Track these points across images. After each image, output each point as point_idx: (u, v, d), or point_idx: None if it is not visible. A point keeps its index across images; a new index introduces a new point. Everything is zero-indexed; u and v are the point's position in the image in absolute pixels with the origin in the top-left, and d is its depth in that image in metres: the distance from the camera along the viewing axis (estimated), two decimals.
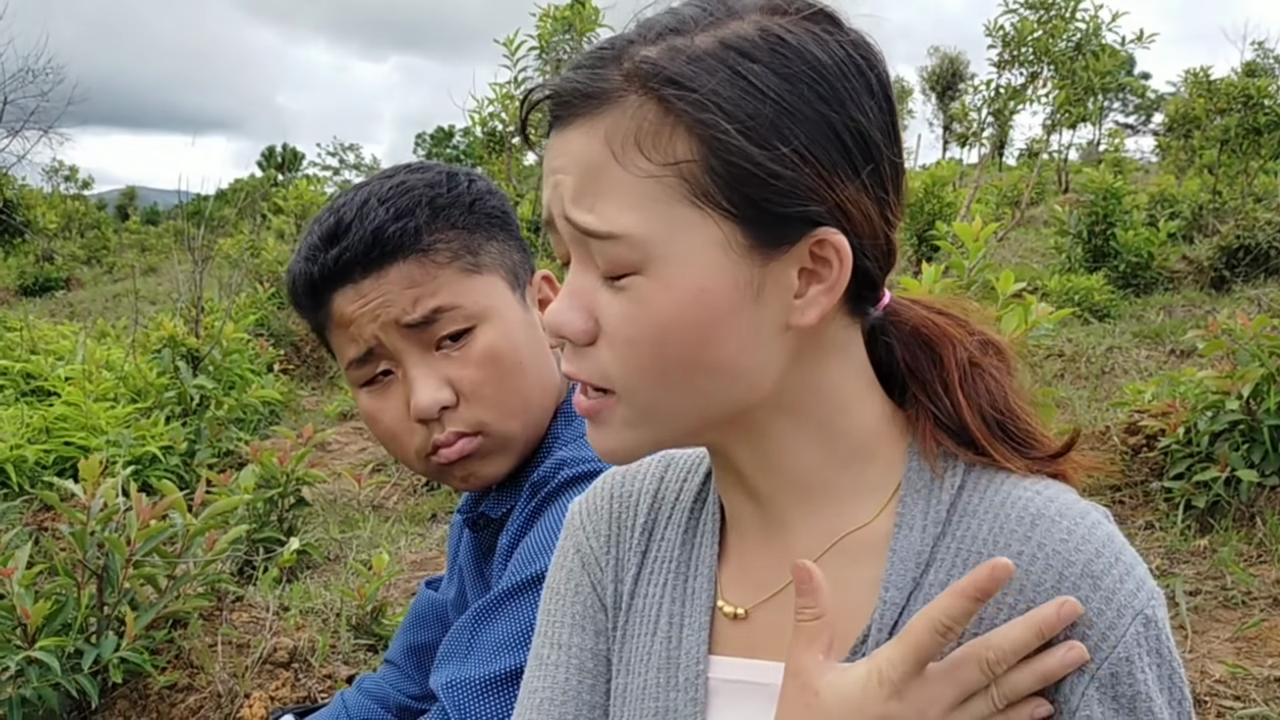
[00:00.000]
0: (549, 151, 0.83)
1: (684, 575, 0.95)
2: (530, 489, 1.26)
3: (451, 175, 1.32)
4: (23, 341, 7.50)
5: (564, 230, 0.82)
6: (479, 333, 1.25)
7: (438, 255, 1.24)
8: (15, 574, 2.63)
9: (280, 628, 3.11)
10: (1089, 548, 0.80)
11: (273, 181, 34.85)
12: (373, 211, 1.24)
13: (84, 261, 23.28)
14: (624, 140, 0.78)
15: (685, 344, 0.80)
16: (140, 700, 2.80)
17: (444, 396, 1.24)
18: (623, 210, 0.79)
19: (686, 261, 0.79)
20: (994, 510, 0.84)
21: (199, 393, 6.07)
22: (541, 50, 12.64)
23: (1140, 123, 35.22)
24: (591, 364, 0.83)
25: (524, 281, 1.33)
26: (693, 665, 0.91)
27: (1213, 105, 12.64)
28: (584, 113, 0.80)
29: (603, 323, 0.82)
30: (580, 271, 0.83)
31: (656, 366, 0.81)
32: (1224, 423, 4.16)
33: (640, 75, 0.79)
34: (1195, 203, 12.22)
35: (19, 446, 5.05)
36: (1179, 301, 9.25)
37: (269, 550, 4.04)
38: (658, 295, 0.79)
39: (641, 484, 1.02)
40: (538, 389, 1.29)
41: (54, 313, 13.65)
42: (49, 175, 34.15)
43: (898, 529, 0.85)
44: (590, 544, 1.02)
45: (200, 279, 7.01)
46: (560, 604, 1.02)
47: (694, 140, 0.77)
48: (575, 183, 0.80)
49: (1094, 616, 0.78)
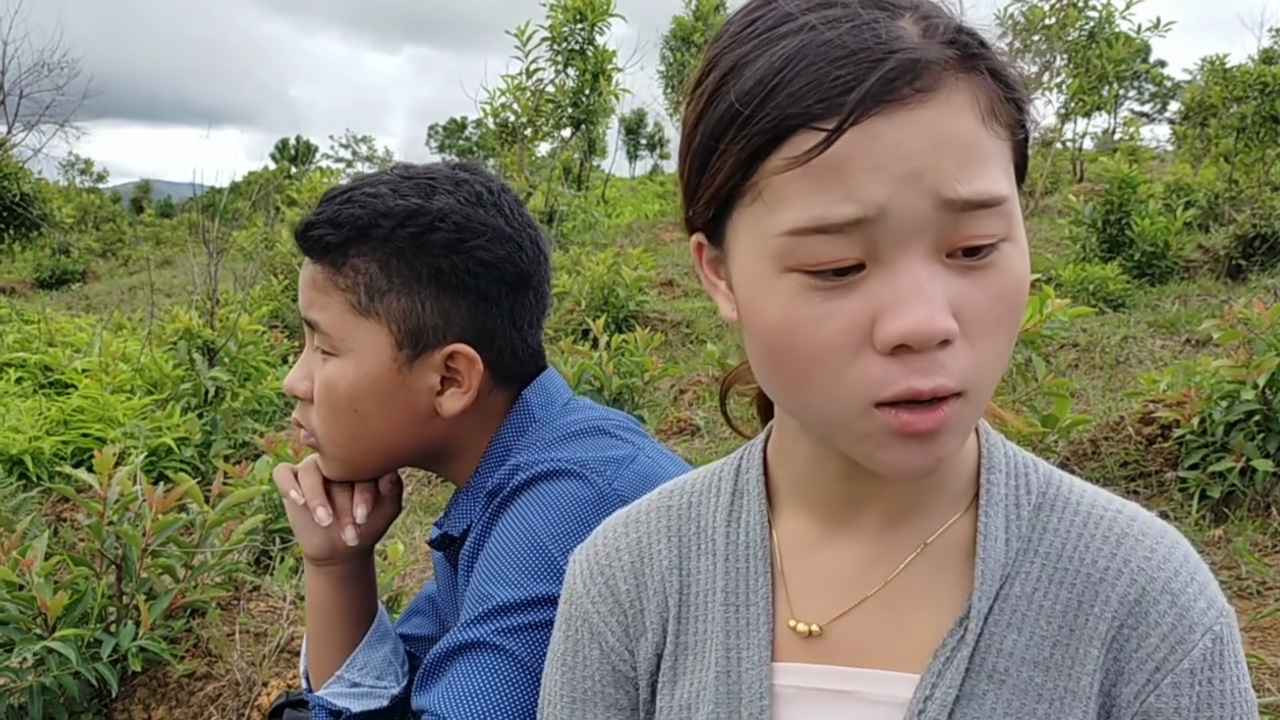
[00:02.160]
0: (877, 138, 0.72)
1: (734, 604, 0.92)
2: (486, 498, 1.27)
3: (415, 214, 1.26)
4: (40, 334, 7.55)
5: (920, 218, 0.73)
6: (330, 363, 1.30)
7: (340, 278, 1.28)
8: (34, 565, 2.65)
9: (297, 617, 3.13)
10: (1169, 566, 0.85)
11: (286, 174, 34.91)
12: (338, 206, 1.29)
13: (99, 254, 23.41)
14: (985, 108, 0.76)
15: (1022, 311, 0.79)
16: (159, 688, 2.83)
17: (300, 389, 1.34)
18: (1001, 174, 0.76)
19: (1021, 222, 0.79)
20: (1076, 529, 0.87)
21: (214, 384, 6.10)
22: (553, 41, 12.63)
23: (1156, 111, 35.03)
24: (955, 367, 0.74)
25: (426, 346, 1.28)
26: (755, 685, 0.89)
27: (1229, 93, 12.55)
28: (932, 88, 0.73)
29: (967, 313, 0.75)
30: (928, 266, 0.74)
31: (1006, 344, 0.78)
32: (1239, 413, 4.14)
33: (957, 45, 0.76)
34: (1211, 191, 12.14)
35: (36, 438, 5.10)
36: (1194, 291, 9.20)
37: (285, 541, 4.06)
38: (1019, 259, 0.77)
39: (654, 523, 0.99)
40: (369, 441, 1.32)
41: (70, 305, 13.72)
42: (64, 169, 34.31)
43: (983, 536, 0.86)
44: (597, 609, 0.99)
45: (215, 271, 7.04)
46: (569, 678, 0.99)
47: (1016, 108, 0.78)
48: (951, 157, 0.73)
49: (1167, 630, 0.83)
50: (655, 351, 6.77)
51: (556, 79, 12.58)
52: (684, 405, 6.64)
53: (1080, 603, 0.84)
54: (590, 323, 6.85)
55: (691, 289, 11.01)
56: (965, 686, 0.84)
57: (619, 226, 16.66)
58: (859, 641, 0.89)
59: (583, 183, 18.38)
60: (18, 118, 11.97)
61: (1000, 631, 0.84)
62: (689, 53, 24.32)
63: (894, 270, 0.73)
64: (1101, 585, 0.84)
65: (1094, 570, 0.84)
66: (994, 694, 0.83)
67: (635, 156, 43.14)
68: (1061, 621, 0.84)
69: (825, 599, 0.90)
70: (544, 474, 1.21)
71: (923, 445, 0.76)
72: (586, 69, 12.67)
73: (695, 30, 24.30)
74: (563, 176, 16.14)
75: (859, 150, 0.72)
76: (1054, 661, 0.83)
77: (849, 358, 0.75)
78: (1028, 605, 0.85)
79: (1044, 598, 0.85)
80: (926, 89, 0.73)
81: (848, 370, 0.75)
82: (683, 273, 11.68)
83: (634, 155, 42.86)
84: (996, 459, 0.90)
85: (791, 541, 0.93)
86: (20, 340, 7.39)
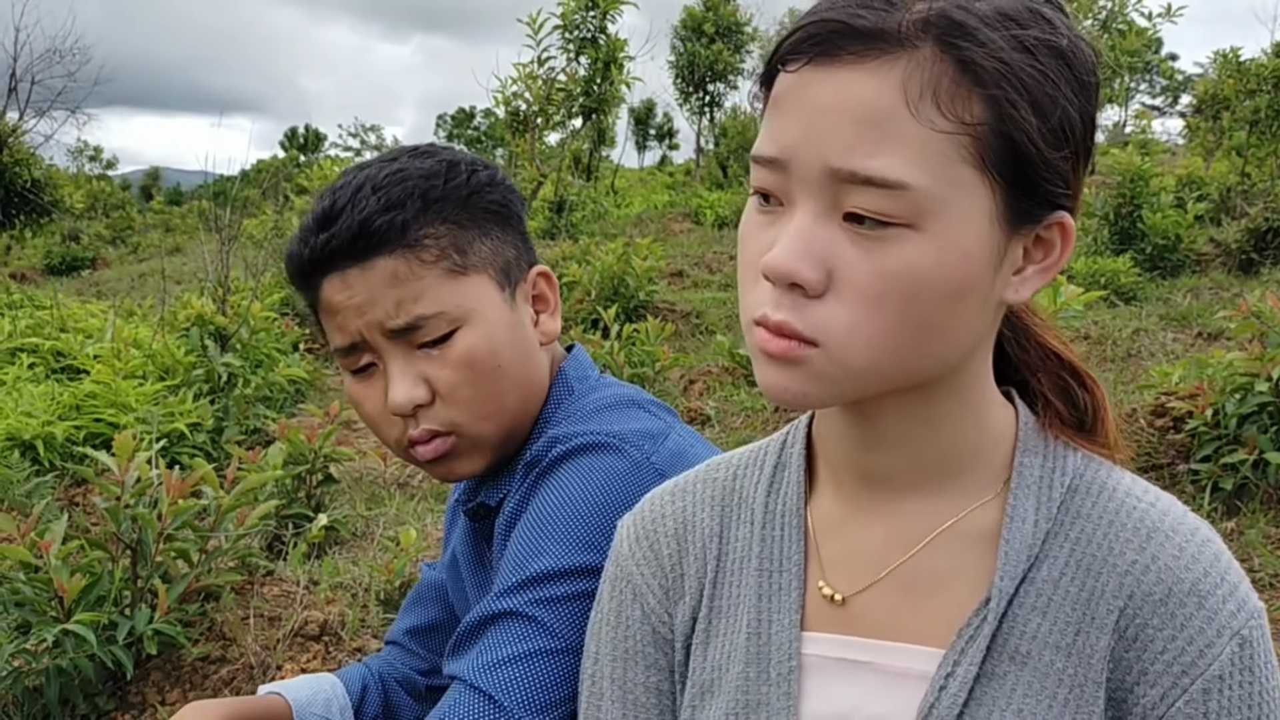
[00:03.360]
0: (802, 89, 0.78)
1: (768, 570, 0.95)
2: (524, 469, 1.27)
3: (452, 165, 1.29)
4: (52, 320, 7.58)
5: (811, 175, 0.78)
6: (459, 336, 1.25)
7: (424, 253, 1.23)
8: (52, 548, 2.67)
9: (310, 602, 3.14)
10: (1199, 566, 0.84)
11: (295, 162, 34.96)
12: (365, 199, 1.23)
13: (109, 241, 23.44)
14: (921, 91, 0.75)
15: (935, 306, 0.78)
16: (174, 671, 2.84)
17: (419, 395, 1.24)
18: (910, 162, 0.75)
19: (960, 223, 0.77)
20: (1108, 517, 0.87)
21: (227, 371, 6.11)
22: (564, 29, 12.61)
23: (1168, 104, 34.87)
24: (814, 317, 0.79)
25: (516, 279, 1.32)
26: (784, 646, 0.92)
27: (1242, 86, 12.50)
28: (869, 54, 0.76)
29: (843, 276, 0.78)
30: (816, 220, 0.78)
31: (894, 327, 0.78)
32: (1252, 405, 4.13)
33: (938, 26, 0.76)
34: (1224, 185, 12.11)
35: (49, 423, 5.11)
36: (1206, 284, 9.18)
37: (298, 526, 4.08)
38: (925, 254, 0.77)
39: (699, 493, 1.03)
40: (515, 391, 1.29)
41: (81, 292, 13.75)
42: (74, 155, 34.37)
43: (1009, 519, 0.87)
44: (640, 572, 1.03)
45: (227, 258, 7.05)
46: (613, 637, 1.03)
47: (989, 103, 0.76)
48: (852, 126, 0.76)
49: (1194, 634, 0.82)
50: (665, 341, 6.78)
51: (568, 67, 12.57)
52: (694, 395, 6.64)
53: (1105, 592, 0.84)
54: (601, 312, 6.86)
55: (701, 280, 11.01)
56: (986, 666, 0.85)
57: (628, 217, 16.66)
58: (882, 614, 0.90)
59: (592, 173, 18.38)
60: (29, 104, 11.99)
61: (1024, 614, 0.85)
62: (699, 43, 24.29)
63: (791, 212, 0.80)
64: (1126, 578, 0.84)
65: (1120, 561, 0.85)
66: (1015, 674, 0.84)
67: (644, 147, 43.08)
68: (1086, 609, 0.84)
69: (853, 572, 0.92)
70: (583, 446, 1.21)
71: (778, 370, 0.81)
72: (598, 57, 12.66)
73: (706, 20, 24.26)
74: (572, 166, 16.13)
75: (790, 96, 0.79)
76: (1076, 647, 0.84)
77: (755, 276, 0.81)
78: (1053, 590, 0.85)
79: (1070, 583, 0.85)
80: (861, 54, 0.76)
81: (752, 288, 0.83)
82: (692, 263, 11.68)
83: (643, 146, 42.81)
84: (1033, 442, 0.90)
85: (825, 516, 0.95)
86: (32, 326, 7.41)
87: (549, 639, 1.12)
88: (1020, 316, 0.96)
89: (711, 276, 11.17)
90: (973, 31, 0.76)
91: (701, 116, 26.42)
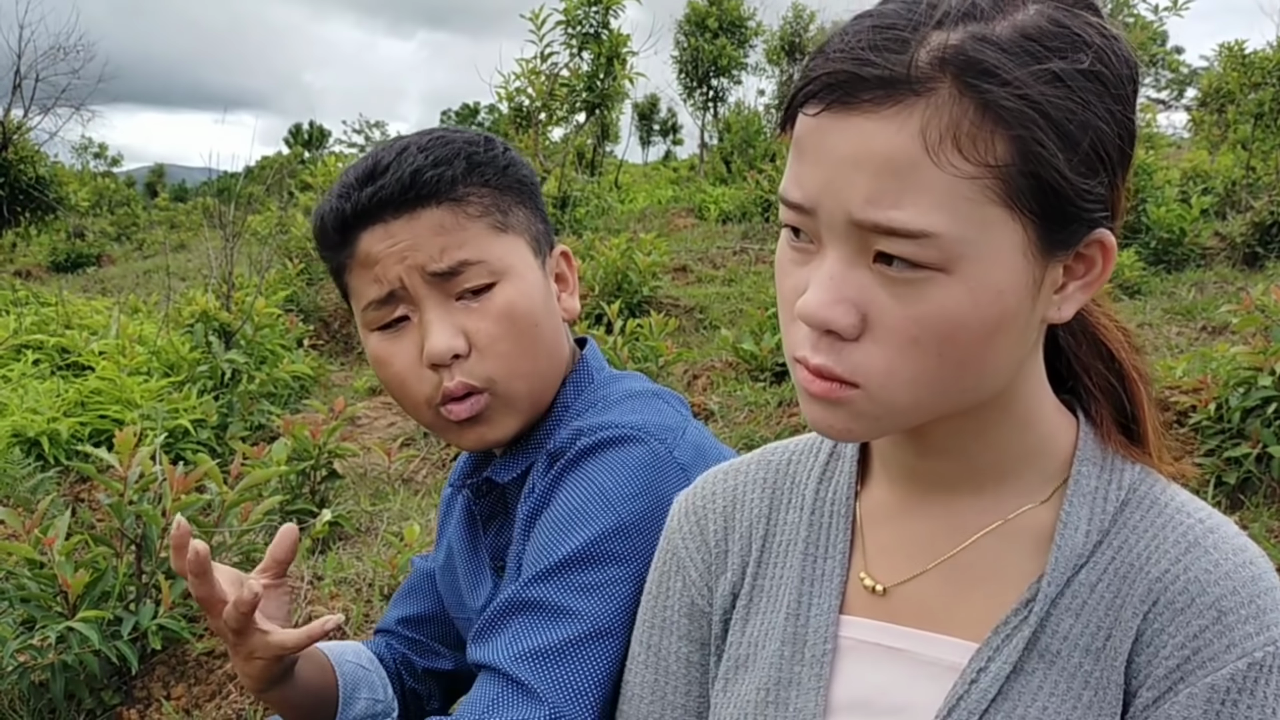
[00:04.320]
0: (822, 136, 0.77)
1: (813, 555, 0.97)
2: (548, 458, 1.27)
3: (488, 139, 1.34)
4: (57, 316, 7.59)
5: (837, 223, 0.77)
6: (499, 289, 1.26)
7: (469, 207, 1.26)
8: (56, 543, 2.68)
9: (315, 597, 3.15)
10: (1228, 583, 0.83)
11: (299, 159, 34.97)
12: (411, 156, 1.25)
13: (114, 238, 23.45)
14: (940, 137, 0.73)
15: (972, 344, 0.78)
16: (179, 666, 2.85)
17: (458, 344, 1.24)
18: (934, 209, 0.74)
19: (991, 262, 0.76)
20: (1154, 530, 0.87)
21: (231, 367, 6.13)
22: (567, 24, 12.61)
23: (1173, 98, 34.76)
24: (852, 361, 0.79)
25: (545, 252, 1.35)
26: (822, 629, 0.94)
27: (1247, 79, 12.45)
28: (885, 101, 0.74)
29: (877, 320, 0.78)
30: (847, 265, 0.78)
31: (933, 367, 0.79)
32: (1256, 399, 4.12)
33: (955, 64, 0.74)
34: (1228, 178, 12.06)
35: (54, 419, 5.12)
36: (1211, 278, 9.15)
37: (302, 521, 4.09)
38: (958, 296, 0.76)
39: (752, 475, 1.06)
40: (547, 355, 1.31)
41: (86, 289, 13.77)
42: (78, 152, 34.41)
43: (1063, 525, 0.87)
44: (686, 545, 1.06)
45: (231, 255, 7.06)
46: (652, 605, 1.08)
47: (1014, 142, 0.74)
48: (872, 178, 0.75)
49: (1202, 644, 0.81)
50: (669, 337, 6.78)
51: (571, 62, 12.56)
52: (698, 390, 6.64)
53: (1133, 598, 0.84)
54: (604, 307, 6.86)
55: (705, 275, 11.00)
56: (1018, 663, 0.86)
57: (632, 212, 16.64)
58: (921, 605, 0.92)
59: (596, 168, 18.36)
60: (34, 101, 12.00)
61: (1060, 615, 0.86)
62: (703, 37, 24.25)
63: (823, 255, 0.80)
64: (1155, 585, 0.84)
65: (1154, 570, 0.84)
66: (1043, 673, 0.85)
67: (648, 142, 43.05)
68: (1118, 615, 0.84)
69: (896, 563, 0.94)
70: (610, 439, 1.21)
71: (823, 409, 0.82)
72: (601, 52, 12.65)
73: (709, 15, 24.21)
74: (576, 162, 16.12)
75: (811, 141, 0.78)
76: (1105, 651, 0.84)
77: (793, 315, 0.82)
78: (1089, 593, 0.86)
79: (1106, 589, 0.85)
80: (878, 101, 0.74)
81: (790, 325, 0.83)
82: (696, 259, 11.66)
83: (647, 141, 42.78)
84: (1091, 452, 0.90)
85: (873, 508, 0.97)
86: (37, 322, 7.42)
87: (580, 625, 1.12)
88: (1093, 324, 0.96)
89: (715, 272, 11.16)
90: (993, 69, 0.73)
91: (705, 112, 26.38)
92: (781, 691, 0.94)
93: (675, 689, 1.04)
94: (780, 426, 5.53)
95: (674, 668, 1.04)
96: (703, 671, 1.04)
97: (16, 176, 11.78)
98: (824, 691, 0.92)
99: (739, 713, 0.96)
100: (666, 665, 1.05)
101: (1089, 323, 0.95)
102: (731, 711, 0.97)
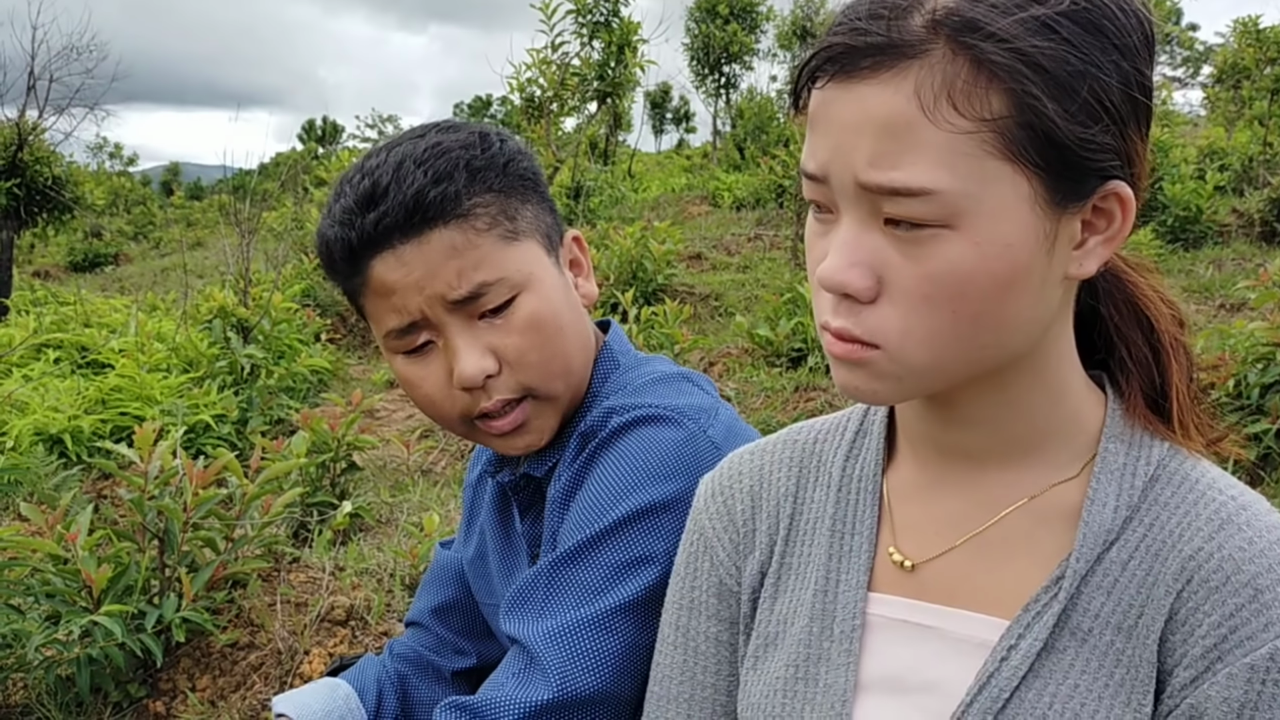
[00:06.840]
0: (828, 106, 0.80)
1: (841, 532, 0.98)
2: (579, 439, 1.27)
3: (484, 136, 1.29)
4: (76, 315, 7.64)
5: (847, 188, 0.80)
6: (520, 301, 1.24)
7: (477, 221, 1.22)
8: (79, 539, 2.70)
9: (336, 587, 3.17)
10: (1263, 561, 0.82)
11: (313, 154, 35.06)
12: (410, 175, 1.21)
13: (131, 237, 23.62)
14: (935, 96, 0.75)
15: (984, 299, 0.79)
16: (203, 658, 2.88)
17: (488, 365, 1.23)
18: (934, 166, 0.76)
19: (997, 216, 0.77)
20: (1185, 506, 0.86)
21: (249, 362, 6.16)
22: (577, 13, 12.59)
23: (1188, 75, 34.51)
24: (870, 322, 0.81)
25: (556, 244, 1.33)
26: (850, 605, 0.94)
27: (1262, 55, 12.36)
28: (881, 67, 0.76)
29: (891, 280, 0.80)
30: (860, 229, 0.81)
31: (948, 325, 0.80)
32: (1274, 375, 4.11)
33: (949, 25, 0.75)
34: (1245, 155, 11.98)
35: (75, 417, 5.17)
36: (1229, 255, 9.10)
37: (322, 514, 4.11)
38: (965, 251, 0.77)
39: (778, 454, 1.06)
40: (577, 349, 1.30)
41: (104, 288, 13.87)
42: (93, 152, 34.57)
43: (1090, 502, 0.87)
44: (713, 525, 1.06)
45: (248, 251, 7.09)
46: (680, 586, 1.08)
47: (1008, 95, 0.75)
48: (873, 141, 0.77)
49: (1239, 623, 0.81)
50: (684, 324, 6.78)
51: (582, 52, 12.55)
52: (714, 377, 6.65)
53: (1166, 575, 0.84)
54: (619, 296, 6.86)
55: (719, 262, 10.99)
56: (1049, 640, 0.85)
57: (646, 201, 16.64)
58: (950, 582, 0.92)
59: (609, 157, 18.35)
60: (48, 102, 12.04)
61: (1090, 593, 0.86)
62: (714, 24, 24.18)
63: (839, 223, 0.82)
64: (1189, 563, 0.83)
65: (1187, 547, 0.84)
66: (1074, 651, 0.85)
67: (661, 131, 43.02)
68: (1149, 592, 0.84)
69: (924, 539, 0.94)
70: (642, 419, 1.21)
71: (848, 371, 0.84)
72: (612, 41, 12.63)
73: (720, 1, 24.15)
74: (589, 151, 16.11)
75: (821, 113, 0.81)
76: (1137, 630, 0.84)
77: (818, 284, 0.84)
78: (1120, 571, 0.85)
79: (1138, 567, 0.85)
80: (875, 67, 0.77)
81: (817, 294, 0.86)
82: (710, 246, 11.66)
83: (659, 130, 42.75)
84: (1119, 428, 0.90)
85: (901, 484, 0.97)
86: (57, 322, 7.48)
87: (608, 603, 1.13)
88: (1118, 274, 0.94)
89: (730, 258, 11.15)
90: (984, 25, 0.75)
91: (717, 99, 26.34)
92: (811, 668, 0.94)
93: (705, 668, 1.05)
94: (797, 411, 5.54)
95: (704, 647, 1.05)
96: (732, 651, 1.04)
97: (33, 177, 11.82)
98: (854, 667, 0.92)
99: (769, 690, 0.96)
100: (696, 645, 1.05)
101: (1132, 293, 0.94)
102: (761, 689, 0.98)
